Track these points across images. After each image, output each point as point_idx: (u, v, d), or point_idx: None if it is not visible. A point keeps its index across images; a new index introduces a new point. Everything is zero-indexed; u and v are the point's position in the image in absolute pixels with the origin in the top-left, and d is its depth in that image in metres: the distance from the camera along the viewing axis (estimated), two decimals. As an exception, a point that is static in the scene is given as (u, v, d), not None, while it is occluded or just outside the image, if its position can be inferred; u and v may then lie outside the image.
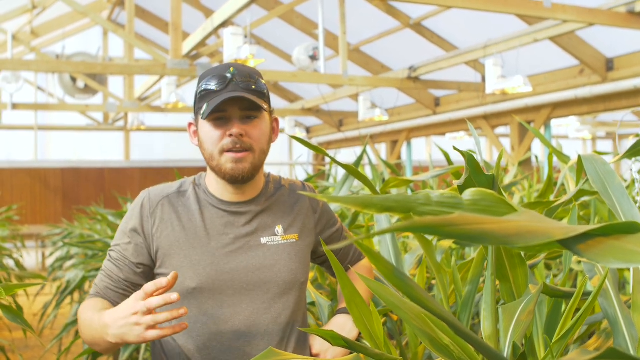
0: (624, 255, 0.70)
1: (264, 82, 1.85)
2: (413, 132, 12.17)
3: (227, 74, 1.78)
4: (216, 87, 1.77)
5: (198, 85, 1.83)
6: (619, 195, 1.50)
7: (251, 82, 1.79)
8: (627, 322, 1.41)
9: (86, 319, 1.72)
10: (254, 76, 1.82)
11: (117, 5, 12.42)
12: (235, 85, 1.77)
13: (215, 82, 1.78)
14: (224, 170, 1.79)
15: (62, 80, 12.19)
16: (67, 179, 15.71)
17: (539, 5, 5.40)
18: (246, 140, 1.78)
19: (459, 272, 2.26)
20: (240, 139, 1.77)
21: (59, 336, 3.88)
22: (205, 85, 1.79)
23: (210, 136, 1.79)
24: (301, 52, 8.89)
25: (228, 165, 1.78)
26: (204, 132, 1.81)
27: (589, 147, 17.26)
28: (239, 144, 1.77)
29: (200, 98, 1.80)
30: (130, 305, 1.53)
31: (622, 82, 7.68)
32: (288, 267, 1.86)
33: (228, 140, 1.77)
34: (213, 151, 1.79)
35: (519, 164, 4.39)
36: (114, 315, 1.57)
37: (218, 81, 1.78)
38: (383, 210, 0.84)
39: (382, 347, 1.42)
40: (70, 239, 7.28)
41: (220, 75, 1.79)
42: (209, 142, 1.80)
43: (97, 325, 1.63)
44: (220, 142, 1.78)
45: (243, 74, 1.80)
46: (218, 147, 1.78)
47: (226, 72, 1.79)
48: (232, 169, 1.78)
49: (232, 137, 1.76)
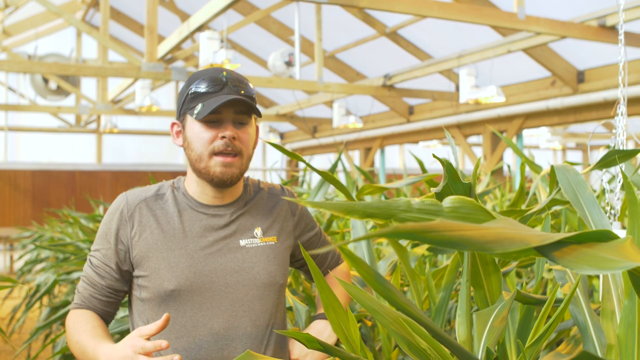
0: (597, 263, 0.73)
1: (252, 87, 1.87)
2: (387, 140, 12.23)
3: (222, 77, 1.79)
4: (211, 88, 1.77)
5: (187, 87, 1.82)
6: (589, 205, 1.53)
7: (243, 87, 1.81)
8: (596, 329, 1.45)
9: (79, 341, 1.74)
10: (245, 81, 1.84)
11: (92, 6, 12.35)
12: (230, 89, 1.78)
13: (208, 84, 1.78)
14: (212, 173, 1.79)
15: (33, 81, 12.10)
16: (37, 181, 15.55)
17: (513, 17, 5.47)
18: (237, 144, 1.78)
19: (433, 278, 2.28)
20: (232, 142, 1.77)
21: (29, 340, 3.85)
22: (197, 87, 1.79)
23: (201, 137, 1.78)
24: (277, 57, 8.92)
25: (217, 169, 1.78)
26: (193, 133, 1.80)
27: (559, 158, 17.44)
28: (231, 147, 1.77)
29: (193, 98, 1.79)
30: (128, 356, 1.56)
31: (592, 94, 7.80)
32: (267, 269, 1.87)
33: (220, 142, 1.77)
34: (202, 153, 1.78)
35: (491, 173, 4.43)
36: (110, 356, 1.59)
37: (212, 83, 1.78)
38: (365, 217, 0.86)
39: (359, 351, 1.44)
40: (40, 242, 7.22)
41: (214, 78, 1.79)
42: (199, 143, 1.79)
43: (91, 356, 1.66)
44: (211, 144, 1.77)
45: (235, 78, 1.81)
46: (209, 149, 1.78)
47: (219, 74, 1.79)
48: (222, 172, 1.78)
49: (225, 140, 1.76)
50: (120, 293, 1.85)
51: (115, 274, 1.83)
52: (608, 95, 7.54)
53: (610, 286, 1.44)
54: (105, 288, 1.83)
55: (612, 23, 5.98)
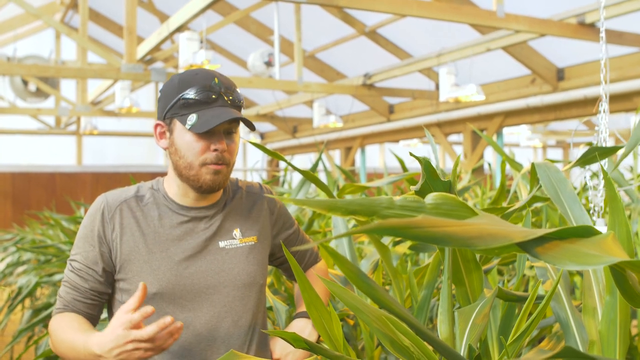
0: (579, 258, 0.73)
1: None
2: (367, 139, 12.24)
3: (214, 85, 1.76)
4: (204, 98, 1.74)
5: (177, 91, 1.77)
6: (570, 202, 1.54)
7: (235, 95, 1.79)
8: (578, 325, 1.45)
9: (66, 339, 1.71)
10: (233, 87, 1.82)
11: (71, 7, 12.26)
12: (224, 100, 1.76)
13: (201, 92, 1.75)
14: (202, 181, 1.78)
15: (13, 83, 11.99)
16: (17, 183, 15.43)
17: (492, 15, 5.49)
18: (227, 155, 1.78)
19: (415, 277, 2.29)
20: (223, 155, 1.77)
21: (11, 343, 3.83)
22: (189, 94, 1.75)
23: (192, 147, 1.77)
24: (256, 58, 8.91)
25: (208, 177, 1.77)
26: (184, 141, 1.78)
27: (539, 155, 17.53)
28: (222, 159, 1.77)
29: (184, 106, 1.76)
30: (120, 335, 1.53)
31: (572, 91, 7.84)
32: (246, 270, 1.87)
33: (212, 155, 1.76)
34: (193, 162, 1.77)
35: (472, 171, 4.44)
36: (104, 346, 1.56)
37: (205, 92, 1.75)
38: (347, 214, 0.86)
39: (342, 349, 1.44)
40: (21, 244, 7.17)
41: (206, 86, 1.75)
42: (190, 152, 1.77)
43: (82, 350, 1.63)
44: (203, 155, 1.76)
45: (227, 85, 1.79)
46: (200, 159, 1.77)
47: (212, 82, 1.76)
48: (212, 180, 1.77)
49: (217, 153, 1.76)
50: (103, 295, 1.84)
51: (98, 276, 1.81)
52: (588, 92, 7.58)
53: (591, 283, 1.45)
54: (89, 291, 1.82)
55: (592, 20, 6.01)
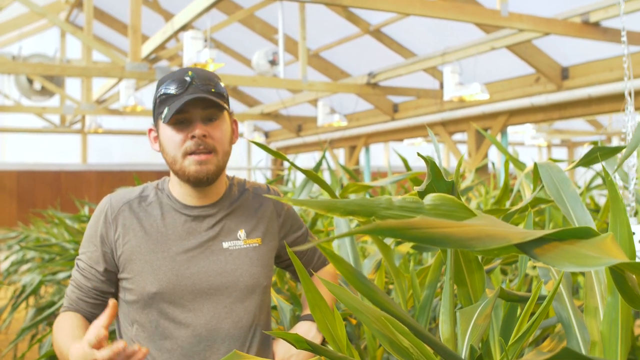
0: (578, 259, 0.73)
1: (223, 85, 1.86)
2: (371, 138, 12.23)
3: (186, 77, 1.78)
4: (175, 90, 1.76)
5: (157, 91, 1.82)
6: (572, 202, 1.53)
7: (211, 85, 1.79)
8: (580, 326, 1.45)
9: (58, 340, 1.74)
10: (214, 79, 1.82)
11: (76, 6, 12.27)
12: (195, 88, 1.76)
13: (174, 85, 1.77)
14: (187, 173, 1.78)
15: (18, 82, 12.01)
16: (22, 182, 15.46)
17: (496, 14, 5.48)
18: (209, 141, 1.78)
19: (417, 277, 2.28)
20: (203, 141, 1.76)
21: (15, 341, 3.84)
22: (165, 90, 1.79)
23: (173, 140, 1.78)
24: (261, 56, 8.90)
25: (192, 168, 1.77)
26: (165, 137, 1.80)
27: (544, 154, 17.48)
28: (202, 145, 1.76)
29: (160, 103, 1.80)
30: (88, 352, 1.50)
31: (576, 90, 7.82)
32: (249, 271, 1.86)
33: (191, 142, 1.76)
34: (176, 155, 1.78)
35: (475, 170, 4.44)
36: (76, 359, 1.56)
37: (177, 85, 1.77)
38: (346, 214, 0.86)
39: (345, 350, 1.43)
40: (26, 242, 7.18)
41: (179, 79, 1.78)
42: (171, 146, 1.79)
43: (65, 355, 1.64)
44: (182, 145, 1.77)
45: (202, 77, 1.80)
46: (181, 151, 1.77)
47: (185, 75, 1.79)
48: (197, 171, 1.77)
49: (195, 139, 1.76)
50: (107, 295, 1.85)
51: (100, 276, 1.83)
52: (592, 91, 7.56)
53: (593, 283, 1.44)
54: (92, 290, 1.84)
55: (596, 19, 5.99)
